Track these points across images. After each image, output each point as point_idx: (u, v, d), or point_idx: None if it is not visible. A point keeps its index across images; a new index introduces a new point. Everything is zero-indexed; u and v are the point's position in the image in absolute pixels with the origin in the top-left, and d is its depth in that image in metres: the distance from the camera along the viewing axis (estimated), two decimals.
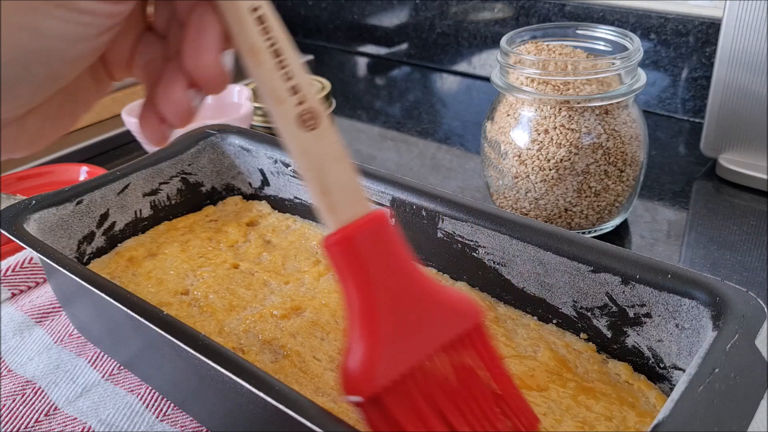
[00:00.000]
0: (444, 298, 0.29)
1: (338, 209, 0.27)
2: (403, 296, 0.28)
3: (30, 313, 0.46)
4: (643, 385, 0.34)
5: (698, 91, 0.70)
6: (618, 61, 0.47)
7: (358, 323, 0.27)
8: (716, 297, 0.30)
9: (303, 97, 0.26)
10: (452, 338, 0.28)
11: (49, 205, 0.42)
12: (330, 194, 0.27)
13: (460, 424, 0.28)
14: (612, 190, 0.49)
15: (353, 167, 0.27)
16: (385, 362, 0.27)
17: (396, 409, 0.27)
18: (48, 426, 0.38)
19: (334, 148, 0.27)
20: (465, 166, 0.65)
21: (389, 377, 0.27)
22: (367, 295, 0.27)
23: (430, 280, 0.29)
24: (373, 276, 0.27)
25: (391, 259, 0.28)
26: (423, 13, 0.88)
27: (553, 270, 0.37)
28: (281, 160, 0.48)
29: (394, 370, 0.27)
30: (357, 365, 0.26)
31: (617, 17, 0.72)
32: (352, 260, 0.27)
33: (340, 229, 0.27)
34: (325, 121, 0.27)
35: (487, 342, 0.30)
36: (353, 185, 0.27)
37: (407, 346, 0.27)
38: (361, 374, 0.26)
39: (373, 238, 0.27)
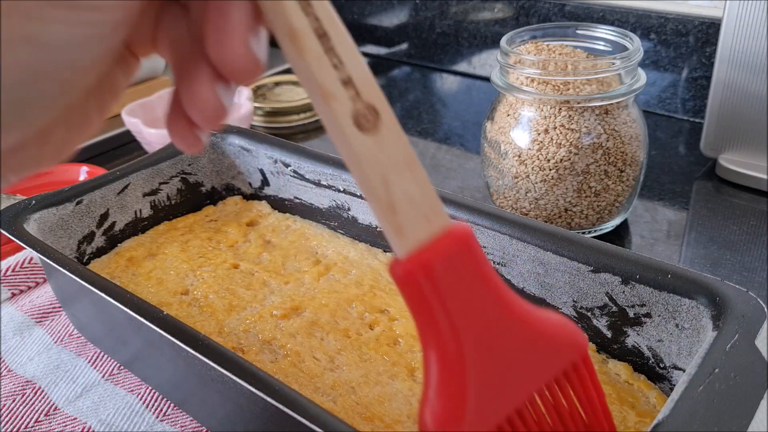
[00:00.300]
0: (542, 329, 0.24)
1: (409, 230, 0.22)
2: (494, 332, 0.23)
3: (30, 313, 0.46)
4: (643, 385, 0.34)
5: (698, 91, 0.70)
6: (618, 61, 0.47)
7: (438, 368, 0.23)
8: (716, 297, 0.30)
9: (359, 91, 0.21)
10: (553, 374, 0.24)
11: (49, 205, 0.42)
12: (397, 212, 0.22)
13: None
14: (612, 190, 0.49)
15: (425, 175, 0.22)
16: (474, 415, 0.23)
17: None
18: (48, 426, 0.38)
19: (401, 152, 0.22)
20: (465, 166, 0.65)
21: (480, 428, 0.23)
22: (450, 335, 0.22)
23: (524, 307, 0.24)
24: (457, 310, 0.22)
25: (478, 287, 0.23)
26: (423, 13, 0.88)
27: (553, 270, 0.37)
28: (281, 160, 0.48)
29: (487, 420, 0.23)
30: (441, 416, 0.22)
31: (617, 17, 0.72)
32: (429, 293, 0.22)
33: (412, 255, 0.22)
34: (388, 119, 0.22)
35: (593, 376, 0.25)
36: (427, 198, 0.22)
37: (501, 390, 0.23)
38: (446, 426, 0.22)
39: (454, 264, 0.22)
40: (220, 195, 0.52)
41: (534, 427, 0.24)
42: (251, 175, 0.51)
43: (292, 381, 0.35)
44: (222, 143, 0.51)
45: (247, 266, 0.44)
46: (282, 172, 0.49)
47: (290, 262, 0.45)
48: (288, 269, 0.44)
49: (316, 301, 0.40)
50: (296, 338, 0.38)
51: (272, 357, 0.37)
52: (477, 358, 0.22)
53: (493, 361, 0.23)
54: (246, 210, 0.51)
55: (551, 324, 0.25)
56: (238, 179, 0.52)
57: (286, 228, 0.49)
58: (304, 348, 0.37)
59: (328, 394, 0.34)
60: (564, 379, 0.24)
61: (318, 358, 0.36)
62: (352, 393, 0.34)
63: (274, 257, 0.45)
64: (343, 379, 0.35)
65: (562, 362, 0.24)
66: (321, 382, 0.35)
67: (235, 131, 0.51)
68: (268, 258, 0.45)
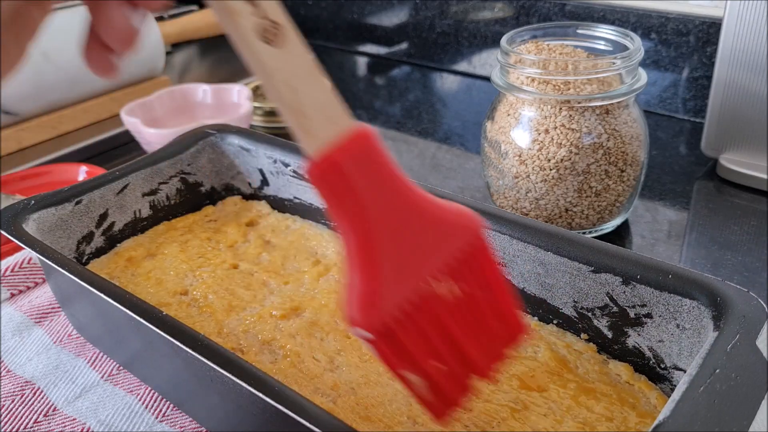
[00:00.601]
0: (441, 214, 0.27)
1: (317, 131, 0.25)
2: (399, 218, 0.26)
3: (29, 314, 0.46)
4: (643, 385, 0.34)
5: (699, 91, 0.70)
6: (619, 60, 0.47)
7: (356, 254, 0.26)
8: (717, 297, 0.30)
9: (263, 9, 0.23)
10: (453, 253, 0.27)
11: (48, 205, 0.42)
12: (305, 116, 0.24)
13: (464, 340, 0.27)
14: (612, 190, 0.49)
15: (327, 81, 0.25)
16: (388, 292, 0.25)
17: (404, 338, 0.26)
18: (47, 426, 0.38)
19: (306, 63, 0.25)
20: (465, 166, 0.65)
21: (394, 305, 0.25)
22: (362, 223, 0.25)
23: (424, 195, 0.27)
24: (365, 200, 0.25)
25: (382, 178, 0.26)
26: (423, 12, 0.88)
27: (553, 270, 0.36)
28: (281, 160, 0.48)
29: (399, 298, 0.26)
30: (361, 300, 0.25)
31: (618, 17, 0.72)
32: (340, 186, 0.25)
33: (322, 154, 0.24)
34: (291, 35, 0.24)
35: (487, 252, 0.29)
36: (330, 101, 0.25)
37: (409, 271, 0.26)
38: (364, 307, 0.25)
39: (360, 159, 0.25)
40: (219, 195, 0.52)
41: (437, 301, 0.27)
42: (251, 175, 0.51)
43: (292, 381, 0.35)
44: (222, 143, 0.51)
45: (247, 266, 0.44)
46: (282, 172, 0.49)
47: (290, 262, 0.45)
48: (288, 269, 0.44)
49: (315, 301, 0.40)
50: (296, 339, 0.38)
51: (272, 357, 0.37)
52: (385, 238, 0.25)
53: (401, 242, 0.26)
54: (245, 210, 0.51)
55: (449, 210, 0.28)
56: (237, 179, 0.52)
57: (286, 228, 0.48)
58: (303, 348, 0.37)
59: (327, 395, 0.34)
60: (463, 255, 0.28)
61: (318, 358, 0.36)
62: (352, 393, 0.34)
63: (273, 257, 0.45)
64: (343, 379, 0.35)
65: (460, 240, 0.27)
66: (321, 383, 0.35)
67: (234, 131, 0.51)
68: (267, 258, 0.45)
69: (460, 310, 0.27)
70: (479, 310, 0.28)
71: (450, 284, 0.27)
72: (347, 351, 0.37)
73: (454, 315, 0.27)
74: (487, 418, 0.32)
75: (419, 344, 0.26)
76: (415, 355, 0.26)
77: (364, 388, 0.34)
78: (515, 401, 0.33)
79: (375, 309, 0.25)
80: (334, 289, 0.41)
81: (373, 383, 0.35)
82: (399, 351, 0.26)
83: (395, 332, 0.26)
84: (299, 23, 1.03)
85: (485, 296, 0.28)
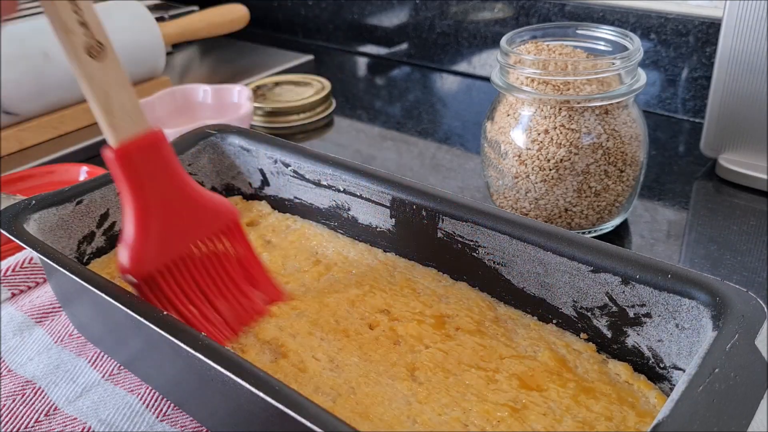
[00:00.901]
0: (206, 202, 0.37)
1: (119, 127, 0.32)
2: (171, 200, 0.35)
3: (30, 313, 0.46)
4: (643, 385, 0.34)
5: (698, 91, 0.70)
6: (618, 61, 0.47)
7: (132, 221, 0.34)
8: (716, 297, 0.30)
9: (92, 31, 0.30)
10: (213, 232, 0.37)
11: (49, 205, 0.42)
12: (113, 115, 0.32)
13: (216, 297, 0.37)
14: (612, 190, 0.49)
15: (135, 94, 0.33)
16: (154, 252, 0.34)
17: (164, 287, 0.34)
18: (48, 426, 0.38)
19: (119, 77, 0.32)
20: (465, 166, 0.65)
21: (158, 263, 0.34)
22: (140, 199, 0.34)
23: (195, 188, 0.36)
24: (147, 183, 0.34)
25: (163, 169, 0.34)
26: (423, 13, 0.88)
27: (553, 270, 0.37)
28: (281, 160, 0.48)
29: (163, 258, 0.34)
30: (131, 254, 0.33)
31: (617, 17, 0.72)
32: (129, 170, 0.33)
33: (120, 144, 0.32)
34: (111, 53, 0.31)
35: (242, 234, 0.39)
36: (134, 109, 0.33)
37: (174, 240, 0.35)
38: (133, 260, 0.33)
39: (148, 152, 0.33)
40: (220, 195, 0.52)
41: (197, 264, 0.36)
42: (251, 175, 0.51)
43: (292, 381, 0.35)
44: (222, 143, 0.51)
45: None
46: (282, 172, 0.49)
47: (290, 262, 0.45)
48: (288, 269, 0.44)
49: (316, 301, 0.40)
50: (296, 338, 0.38)
51: (272, 357, 0.37)
52: (156, 213, 0.34)
53: (168, 217, 0.35)
54: (246, 210, 0.51)
55: (213, 200, 0.37)
56: (238, 179, 0.52)
57: (286, 228, 0.49)
58: (303, 348, 0.37)
59: (328, 394, 0.34)
60: (220, 233, 0.37)
61: (318, 358, 0.36)
62: (352, 393, 0.34)
63: (274, 257, 0.45)
64: (343, 379, 0.35)
65: (218, 223, 0.37)
66: (321, 382, 0.35)
67: (235, 131, 0.51)
68: (268, 258, 0.45)
69: (214, 275, 0.37)
70: (231, 277, 0.38)
71: (209, 254, 0.36)
72: (347, 351, 0.37)
73: (208, 277, 0.36)
74: (486, 417, 0.32)
75: (176, 293, 0.35)
76: (173, 300, 0.34)
77: (364, 388, 0.34)
78: (514, 400, 0.33)
79: (141, 261, 0.34)
80: (334, 289, 0.41)
81: (373, 383, 0.35)
82: (159, 296, 0.34)
83: (156, 281, 0.34)
84: (300, 24, 1.03)
85: (239, 267, 0.38)
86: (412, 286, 0.41)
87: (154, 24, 0.81)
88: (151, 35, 0.80)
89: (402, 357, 0.36)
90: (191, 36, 0.90)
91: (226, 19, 0.92)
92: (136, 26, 0.79)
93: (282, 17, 1.05)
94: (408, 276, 0.42)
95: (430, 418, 0.32)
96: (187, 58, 0.98)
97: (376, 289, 0.41)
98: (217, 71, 0.91)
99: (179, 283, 0.35)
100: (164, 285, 0.34)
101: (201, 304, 0.36)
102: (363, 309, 0.40)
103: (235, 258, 0.38)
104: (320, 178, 0.46)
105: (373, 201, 0.44)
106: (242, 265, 0.39)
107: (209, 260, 0.37)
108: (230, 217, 0.38)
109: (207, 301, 0.36)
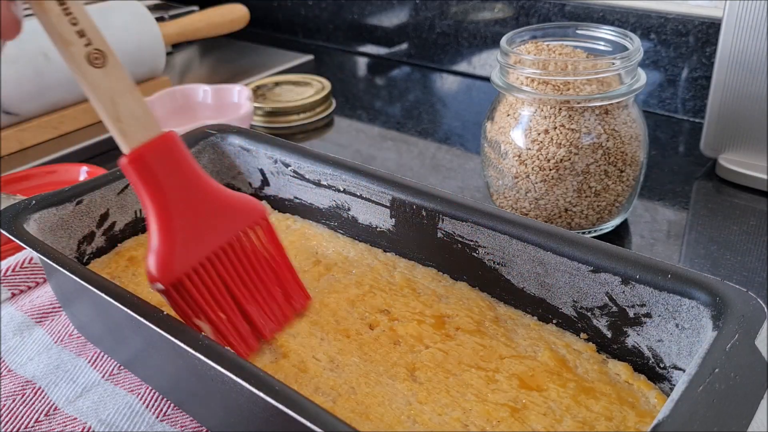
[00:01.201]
0: (230, 200, 0.36)
1: (130, 134, 0.32)
2: (193, 202, 0.34)
3: (30, 313, 0.46)
4: (643, 385, 0.34)
5: (698, 91, 0.70)
6: (618, 61, 0.47)
7: (156, 228, 0.33)
8: (716, 297, 0.30)
9: (90, 39, 0.30)
10: (240, 232, 0.36)
11: (49, 205, 0.42)
12: (122, 121, 0.31)
13: (247, 301, 0.36)
14: (612, 190, 0.49)
15: (142, 98, 0.32)
16: (181, 256, 0.33)
17: (193, 292, 0.33)
18: (48, 426, 0.38)
19: (124, 82, 0.31)
20: (465, 166, 0.65)
21: (186, 267, 0.33)
22: (162, 203, 0.33)
23: (216, 187, 0.35)
24: (165, 187, 0.33)
25: (181, 171, 0.33)
26: (423, 13, 0.88)
27: (553, 270, 0.37)
28: (281, 160, 0.48)
29: (190, 261, 0.33)
30: (157, 260, 0.33)
31: (617, 17, 0.72)
32: (145, 175, 0.32)
33: (132, 150, 0.32)
34: (112, 59, 0.31)
35: (271, 232, 0.37)
36: (143, 113, 0.32)
37: (200, 242, 0.34)
38: (161, 267, 0.32)
39: (163, 155, 0.33)
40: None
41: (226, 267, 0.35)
42: (251, 175, 0.51)
43: (292, 381, 0.35)
44: (222, 143, 0.51)
45: None
46: (282, 172, 0.49)
47: None
48: None
49: (316, 301, 0.40)
50: (296, 338, 0.38)
51: (272, 357, 0.37)
52: (180, 216, 0.33)
53: (192, 219, 0.34)
54: None
55: (238, 198, 0.36)
56: (238, 179, 0.52)
57: (286, 228, 0.49)
58: (304, 348, 0.37)
59: (328, 394, 0.34)
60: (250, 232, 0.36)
61: (318, 358, 0.36)
62: (352, 393, 0.34)
63: None
64: (343, 379, 0.35)
65: (245, 221, 0.36)
66: (321, 382, 0.35)
67: (235, 131, 0.51)
68: None
69: (244, 276, 0.36)
70: (261, 278, 0.36)
71: (237, 255, 0.35)
72: (347, 351, 0.37)
73: (238, 279, 0.35)
74: (486, 417, 0.32)
75: (206, 298, 0.34)
76: (202, 306, 0.33)
77: (364, 388, 0.34)
78: (514, 400, 0.33)
79: (168, 267, 0.33)
80: (334, 289, 0.41)
81: (374, 383, 0.35)
82: (188, 302, 0.33)
83: (185, 286, 0.33)
84: (300, 24, 1.03)
85: (268, 266, 0.37)
86: (412, 286, 0.41)
87: (154, 24, 0.81)
88: (151, 35, 0.80)
89: (402, 357, 0.36)
90: (191, 36, 0.90)
91: (226, 19, 0.92)
92: (136, 26, 0.79)
93: (282, 17, 1.05)
94: (408, 276, 0.42)
95: (430, 418, 0.32)
96: (187, 58, 0.98)
97: (376, 289, 0.41)
98: (217, 71, 0.91)
99: (209, 287, 0.34)
100: (194, 290, 0.33)
101: (230, 310, 0.35)
102: (363, 309, 0.40)
103: (265, 257, 0.37)
104: (320, 178, 0.46)
105: (373, 201, 0.44)
106: (271, 265, 0.37)
107: (239, 260, 0.36)
108: (258, 214, 0.37)
109: (237, 306, 0.35)
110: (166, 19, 0.95)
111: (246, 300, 0.36)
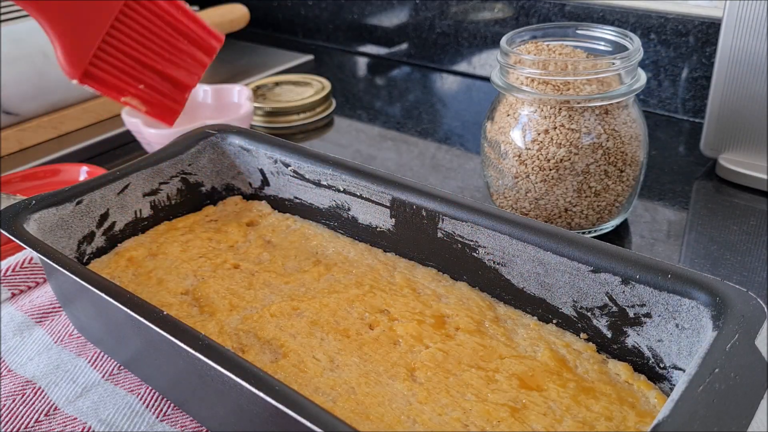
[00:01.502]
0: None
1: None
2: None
3: (30, 313, 0.46)
4: (643, 385, 0.34)
5: (698, 91, 0.70)
6: (618, 61, 0.47)
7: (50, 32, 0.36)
8: (716, 297, 0.30)
9: None
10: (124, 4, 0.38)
11: (49, 205, 0.42)
12: None
13: (157, 62, 0.39)
14: (612, 190, 0.49)
15: None
16: (79, 48, 0.36)
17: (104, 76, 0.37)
18: (48, 426, 0.38)
19: None
20: (465, 166, 0.65)
21: (88, 55, 0.36)
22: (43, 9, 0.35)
23: None
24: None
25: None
26: (423, 13, 0.88)
27: (553, 270, 0.37)
28: (281, 160, 0.48)
29: (91, 47, 0.37)
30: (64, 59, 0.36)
31: (617, 17, 0.72)
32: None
33: None
34: None
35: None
36: None
37: (92, 26, 0.37)
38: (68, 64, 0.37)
39: None
40: (220, 195, 0.52)
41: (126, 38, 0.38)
42: (251, 175, 0.51)
43: (292, 381, 0.35)
44: (222, 143, 0.51)
45: (248, 266, 0.44)
46: (282, 172, 0.49)
47: (290, 262, 0.45)
48: (288, 269, 0.44)
49: (316, 301, 0.40)
50: (296, 338, 0.38)
51: (272, 357, 0.37)
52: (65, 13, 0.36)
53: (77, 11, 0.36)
54: (246, 210, 0.51)
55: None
56: (238, 179, 0.52)
57: (287, 228, 0.49)
58: (304, 348, 0.37)
59: (328, 394, 0.34)
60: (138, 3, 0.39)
61: (318, 358, 0.36)
62: (352, 393, 0.34)
63: (274, 257, 0.45)
64: (343, 379, 0.35)
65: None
66: (321, 382, 0.35)
67: (235, 131, 0.51)
68: (268, 258, 0.45)
69: (146, 42, 0.39)
70: (162, 37, 0.39)
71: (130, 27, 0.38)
72: (347, 350, 0.37)
73: (141, 47, 0.38)
74: (486, 417, 0.32)
75: (119, 77, 0.38)
76: (119, 85, 0.37)
77: (364, 388, 0.34)
78: (514, 400, 0.33)
79: (73, 62, 0.37)
80: (334, 289, 0.41)
81: (373, 383, 0.35)
82: (108, 85, 0.37)
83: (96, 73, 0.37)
84: (300, 24, 1.03)
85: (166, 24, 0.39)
86: (412, 286, 0.41)
87: None
88: None
89: (402, 357, 0.36)
90: None
91: (226, 19, 0.92)
92: None
93: (282, 17, 1.05)
94: (408, 276, 0.42)
95: (430, 418, 0.32)
96: None
97: (376, 289, 0.41)
98: (217, 71, 0.91)
99: (117, 66, 0.38)
100: (104, 74, 0.37)
101: (147, 78, 0.38)
102: (363, 309, 0.40)
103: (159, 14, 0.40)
104: (320, 178, 0.46)
105: (373, 201, 0.44)
106: (168, 21, 0.41)
107: (135, 30, 0.39)
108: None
109: (151, 71, 0.39)
110: None
111: (156, 62, 0.40)
